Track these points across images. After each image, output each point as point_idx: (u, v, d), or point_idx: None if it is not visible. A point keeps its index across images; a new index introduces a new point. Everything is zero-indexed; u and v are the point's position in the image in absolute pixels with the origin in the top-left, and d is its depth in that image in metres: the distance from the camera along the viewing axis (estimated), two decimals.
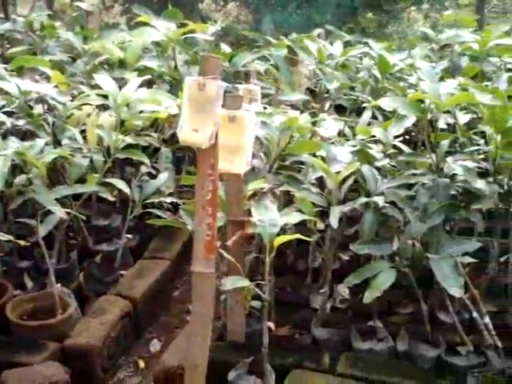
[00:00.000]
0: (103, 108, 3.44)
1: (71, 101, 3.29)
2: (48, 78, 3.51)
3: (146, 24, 4.13)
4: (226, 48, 4.49)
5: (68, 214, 2.88)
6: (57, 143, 3.13)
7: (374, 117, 3.54)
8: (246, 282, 2.21)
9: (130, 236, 3.40)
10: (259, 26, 7.52)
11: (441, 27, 5.71)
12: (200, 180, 2.08)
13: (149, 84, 4.10)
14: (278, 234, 2.34)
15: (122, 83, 3.41)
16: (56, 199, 2.75)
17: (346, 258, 3.10)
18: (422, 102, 2.65)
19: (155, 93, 3.35)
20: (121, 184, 3.11)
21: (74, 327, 2.69)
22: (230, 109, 2.33)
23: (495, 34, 3.93)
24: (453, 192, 2.61)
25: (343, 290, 2.84)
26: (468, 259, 2.48)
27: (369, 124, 3.34)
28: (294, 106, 3.62)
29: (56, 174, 3.13)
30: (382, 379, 2.35)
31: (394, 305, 2.90)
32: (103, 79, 3.21)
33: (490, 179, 2.67)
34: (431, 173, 2.71)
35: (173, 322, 3.17)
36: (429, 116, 2.68)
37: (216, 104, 2.02)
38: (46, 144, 2.93)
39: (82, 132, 3.27)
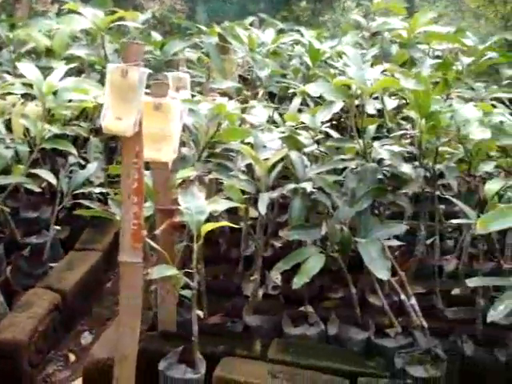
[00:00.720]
0: (31, 98, 3.36)
1: None
2: None
3: (74, 12, 4.04)
4: (157, 36, 4.43)
5: None
6: None
7: (306, 104, 3.56)
8: (173, 271, 2.20)
9: (58, 228, 3.32)
10: (194, 15, 7.46)
11: (373, 15, 5.77)
12: (125, 169, 2.05)
13: (78, 73, 4.03)
14: (209, 221, 2.33)
15: (49, 72, 3.33)
16: None
17: (278, 245, 3.11)
18: (349, 87, 2.68)
19: (82, 82, 3.28)
20: (47, 175, 3.04)
21: (0, 322, 2.62)
22: (156, 96, 2.30)
23: (422, 21, 3.99)
24: (380, 176, 2.66)
25: (275, 277, 2.86)
26: (395, 242, 2.53)
27: (300, 111, 3.35)
28: (226, 94, 3.60)
29: None
30: (312, 363, 2.37)
31: (325, 290, 2.93)
32: (26, 68, 3.12)
33: (416, 163, 2.72)
34: (359, 158, 2.74)
35: (105, 314, 3.12)
36: (357, 102, 2.70)
37: (139, 91, 1.99)
38: None
39: (8, 122, 3.19)
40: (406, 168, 2.59)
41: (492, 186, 2.41)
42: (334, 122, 3.30)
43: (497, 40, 4.19)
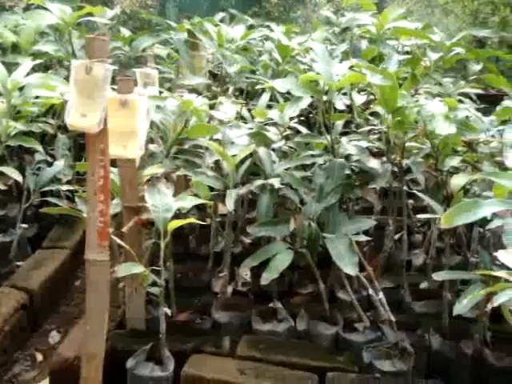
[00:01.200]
0: None
1: None
2: None
3: (41, 7, 4.00)
4: (125, 32, 4.40)
5: None
6: None
7: (277, 100, 3.56)
8: (140, 269, 2.19)
9: (25, 226, 3.27)
10: (165, 11, 7.42)
11: (343, 11, 5.78)
12: (91, 166, 2.04)
13: (46, 69, 3.99)
14: (178, 218, 2.33)
15: (16, 68, 3.30)
16: None
17: (248, 241, 3.11)
18: (317, 83, 2.67)
19: (48, 78, 3.24)
20: (13, 173, 3.01)
21: None
22: (122, 93, 2.28)
23: (391, 17, 4.01)
24: (347, 172, 2.66)
25: (245, 273, 2.85)
26: (363, 238, 2.54)
27: (270, 107, 3.35)
28: (195, 90, 3.59)
29: None
30: (281, 359, 2.37)
31: (294, 285, 2.93)
32: None
33: (384, 158, 2.73)
34: (327, 153, 2.74)
35: (73, 313, 3.09)
36: (325, 97, 2.70)
37: (104, 87, 1.98)
38: None
39: None
40: (373, 163, 2.61)
41: (458, 181, 2.43)
42: (302, 118, 3.30)
43: (465, 36, 4.22)
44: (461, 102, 3.51)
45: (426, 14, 6.23)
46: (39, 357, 2.75)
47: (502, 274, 1.90)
